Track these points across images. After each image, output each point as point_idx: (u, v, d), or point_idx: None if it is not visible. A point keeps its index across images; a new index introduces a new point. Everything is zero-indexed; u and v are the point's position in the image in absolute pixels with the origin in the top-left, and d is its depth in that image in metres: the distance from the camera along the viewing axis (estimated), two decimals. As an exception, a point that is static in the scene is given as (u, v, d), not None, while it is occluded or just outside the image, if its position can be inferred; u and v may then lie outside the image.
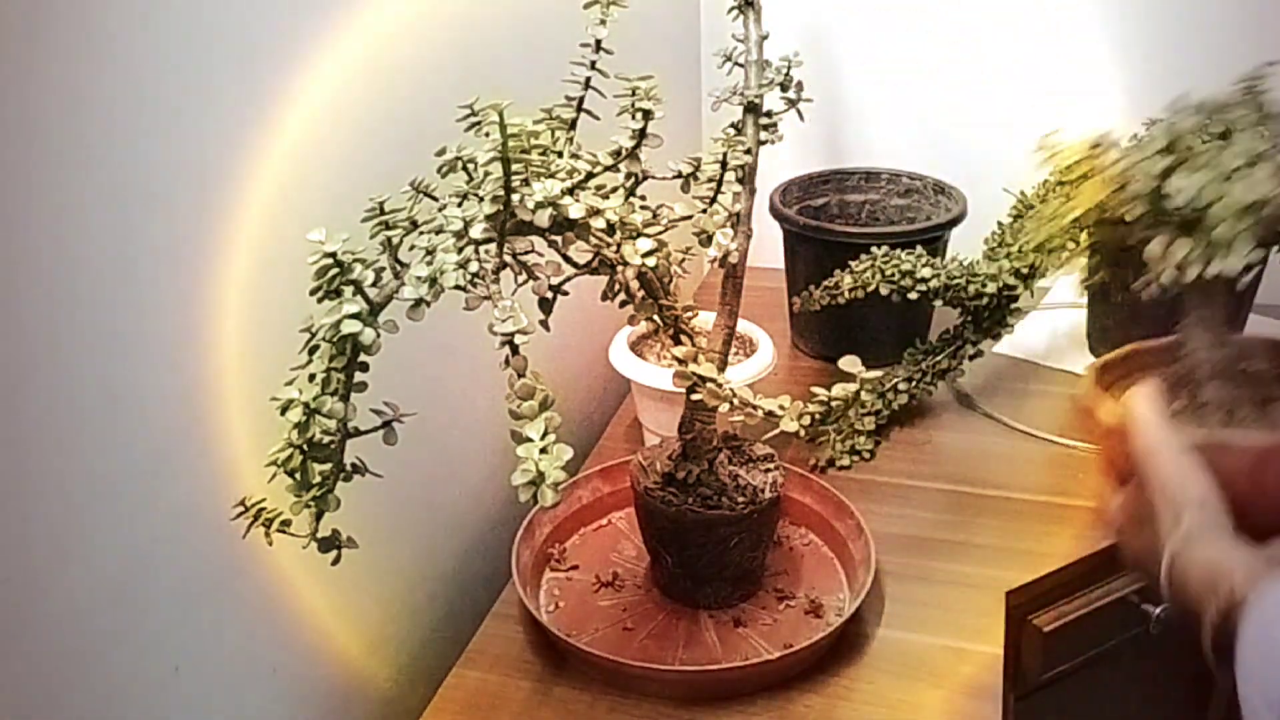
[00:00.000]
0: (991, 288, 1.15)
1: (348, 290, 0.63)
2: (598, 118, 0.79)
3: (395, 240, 0.69)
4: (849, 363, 0.79)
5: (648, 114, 0.72)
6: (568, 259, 0.72)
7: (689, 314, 0.83)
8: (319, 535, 0.67)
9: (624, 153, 0.73)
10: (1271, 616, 0.58)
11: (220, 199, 0.70)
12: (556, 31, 0.86)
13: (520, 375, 0.62)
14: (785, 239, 1.31)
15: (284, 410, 0.63)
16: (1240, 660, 0.59)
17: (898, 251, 1.14)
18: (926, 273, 1.12)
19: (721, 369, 0.86)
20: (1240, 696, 0.59)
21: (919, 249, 1.15)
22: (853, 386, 0.77)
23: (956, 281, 1.14)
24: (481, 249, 0.66)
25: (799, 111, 0.89)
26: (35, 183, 0.57)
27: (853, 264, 1.15)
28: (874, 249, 1.15)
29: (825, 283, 1.16)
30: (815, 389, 0.79)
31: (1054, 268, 1.17)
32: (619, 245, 0.71)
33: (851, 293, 1.13)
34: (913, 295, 1.12)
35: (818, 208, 1.38)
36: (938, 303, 1.17)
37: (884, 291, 1.12)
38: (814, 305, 1.17)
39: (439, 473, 1.00)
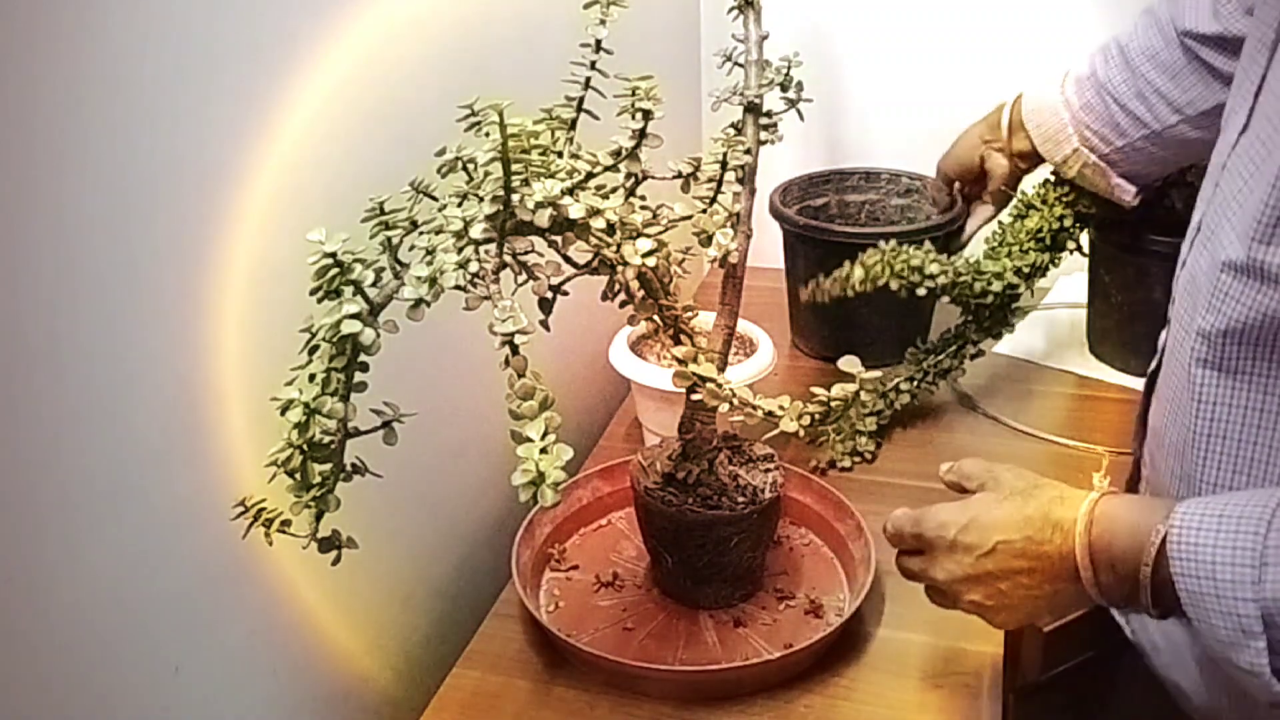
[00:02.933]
0: (997, 286, 1.15)
1: (348, 290, 0.63)
2: (598, 118, 0.79)
3: (395, 240, 0.69)
4: (849, 363, 0.79)
5: (648, 114, 0.72)
6: (568, 259, 0.72)
7: (689, 314, 0.83)
8: (319, 535, 0.67)
9: (624, 153, 0.73)
10: (1193, 540, 0.60)
11: (220, 199, 0.70)
12: (556, 31, 0.86)
13: (520, 375, 0.63)
14: (785, 239, 1.31)
15: (284, 410, 0.63)
16: (1184, 589, 0.61)
17: (907, 246, 1.13)
18: (935, 269, 1.12)
19: (721, 369, 0.86)
20: (1198, 626, 0.61)
21: (926, 243, 1.14)
22: (852, 386, 0.78)
23: (964, 279, 1.13)
24: (481, 249, 0.66)
25: (799, 111, 0.89)
26: (35, 183, 0.57)
27: (863, 256, 1.12)
28: (881, 244, 1.14)
29: (836, 272, 1.12)
30: (815, 389, 0.79)
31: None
32: (619, 245, 0.71)
33: (862, 285, 1.11)
34: (921, 291, 1.12)
35: (818, 208, 1.38)
36: (944, 300, 1.16)
37: (894, 286, 1.11)
38: (823, 296, 1.13)
39: (439, 473, 1.00)
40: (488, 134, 0.64)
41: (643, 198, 0.75)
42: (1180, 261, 0.75)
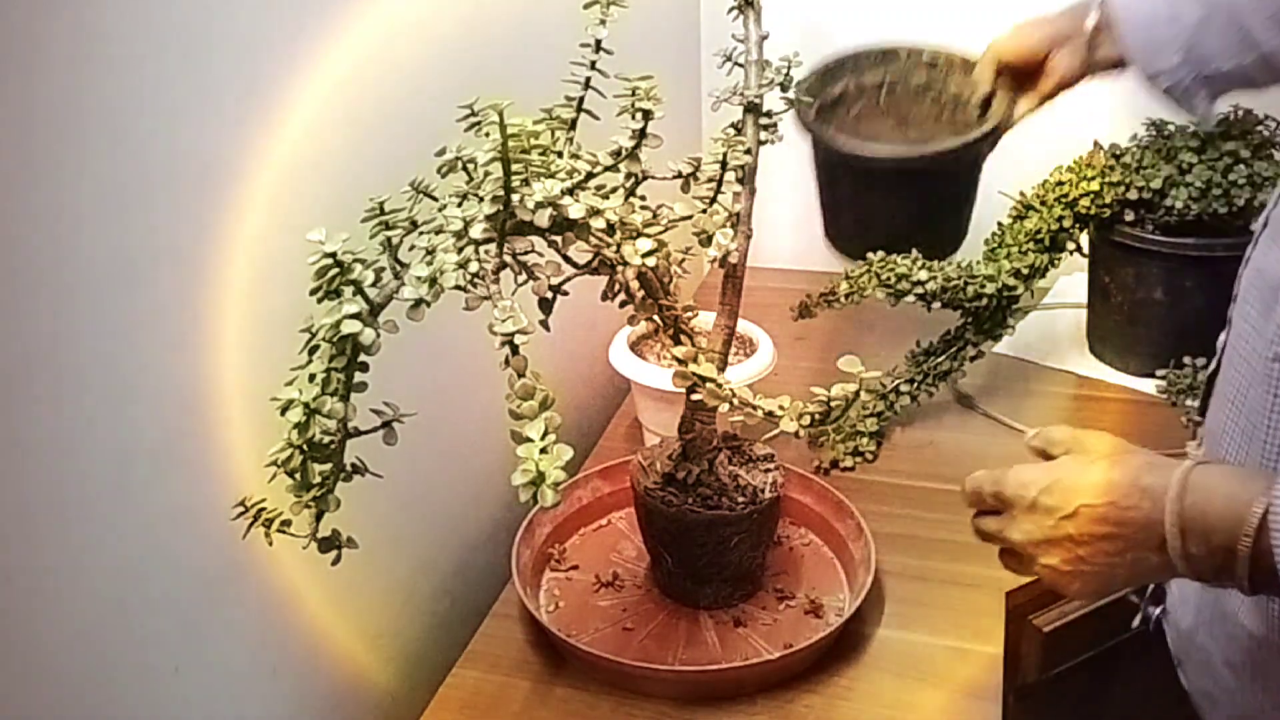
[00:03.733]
0: (991, 288, 1.15)
1: (348, 290, 0.63)
2: (598, 118, 0.79)
3: (395, 240, 0.69)
4: (849, 363, 0.79)
5: (648, 114, 0.72)
6: (568, 259, 0.72)
7: (689, 314, 0.83)
8: (319, 535, 0.67)
9: (624, 153, 0.73)
10: None
11: (220, 199, 0.70)
12: (556, 31, 0.86)
13: (520, 375, 0.63)
14: (814, 151, 1.20)
15: (284, 410, 0.63)
16: None
17: (894, 256, 1.13)
18: (923, 275, 1.12)
19: (721, 369, 0.86)
20: None
21: (914, 253, 1.14)
22: (852, 386, 0.77)
23: (955, 283, 1.13)
24: (481, 249, 0.66)
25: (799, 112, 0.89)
26: (35, 183, 0.57)
27: (849, 270, 1.14)
28: (870, 255, 1.14)
29: (822, 291, 1.16)
30: (815, 389, 0.79)
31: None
32: (619, 245, 0.71)
33: (848, 298, 1.14)
34: (910, 299, 1.12)
35: (836, 97, 1.24)
36: (936, 305, 1.17)
37: (880, 295, 1.12)
38: (812, 314, 1.17)
39: (439, 473, 1.00)
40: (488, 134, 0.64)
41: (643, 198, 0.75)
42: (1244, 260, 0.74)
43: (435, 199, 0.71)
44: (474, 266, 0.65)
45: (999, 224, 1.21)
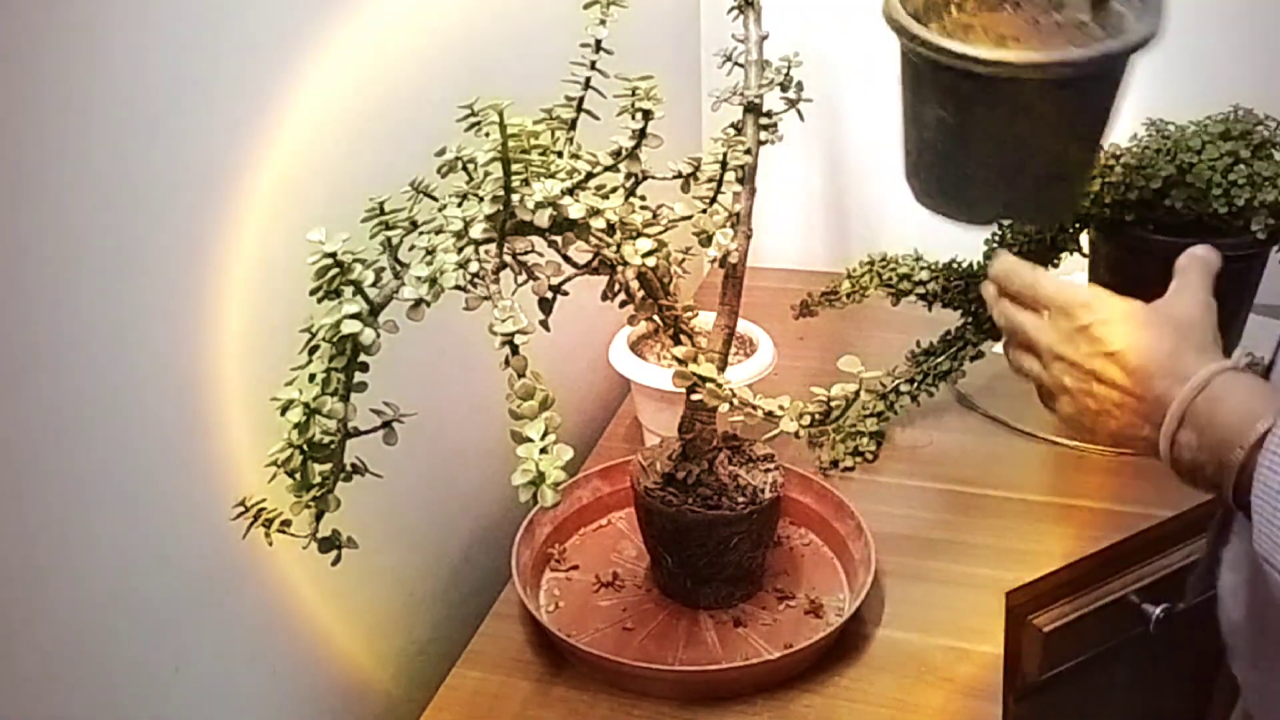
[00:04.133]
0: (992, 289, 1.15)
1: (348, 290, 0.63)
2: (598, 118, 0.79)
3: (395, 240, 0.69)
4: (848, 363, 0.79)
5: (648, 114, 0.72)
6: (568, 259, 0.72)
7: (689, 314, 0.83)
8: (319, 535, 0.67)
9: (624, 153, 0.73)
10: None
11: (220, 198, 0.70)
12: (556, 31, 0.86)
13: (520, 375, 0.63)
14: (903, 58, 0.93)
15: (284, 410, 0.63)
16: (1257, 485, 0.58)
17: (895, 255, 1.14)
18: (924, 275, 1.13)
19: (721, 369, 0.86)
20: (1255, 534, 0.58)
21: (916, 250, 1.14)
22: (852, 386, 0.77)
23: (955, 284, 1.14)
24: (481, 249, 0.66)
25: (799, 112, 0.89)
26: (35, 183, 0.57)
27: (850, 269, 1.15)
28: (870, 253, 1.15)
29: (823, 290, 1.17)
30: (815, 389, 0.79)
31: None
32: (619, 245, 0.71)
33: (850, 298, 1.14)
34: (910, 299, 1.13)
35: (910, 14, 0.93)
36: (936, 305, 1.17)
37: (880, 295, 1.13)
38: (813, 313, 1.18)
39: (439, 473, 1.00)
40: (488, 134, 0.64)
41: (643, 198, 0.75)
42: None
43: (435, 199, 0.71)
44: (474, 266, 0.65)
45: (1000, 224, 1.21)
